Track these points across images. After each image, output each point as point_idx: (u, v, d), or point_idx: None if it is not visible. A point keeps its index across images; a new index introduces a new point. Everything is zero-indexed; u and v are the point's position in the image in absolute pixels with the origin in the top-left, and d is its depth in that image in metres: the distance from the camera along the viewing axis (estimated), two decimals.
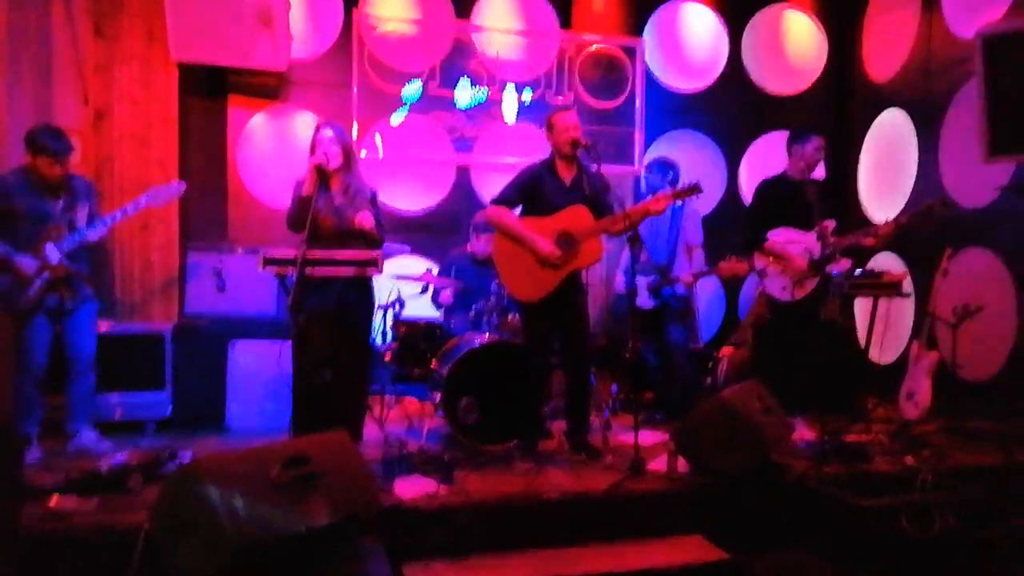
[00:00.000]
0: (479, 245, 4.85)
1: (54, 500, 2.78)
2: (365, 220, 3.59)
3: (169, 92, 4.97)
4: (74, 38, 4.70)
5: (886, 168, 5.73)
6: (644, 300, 4.68)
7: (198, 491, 2.10)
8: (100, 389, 3.94)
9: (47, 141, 3.62)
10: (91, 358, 3.80)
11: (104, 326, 4.28)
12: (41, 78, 4.53)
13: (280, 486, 2.24)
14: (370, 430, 3.92)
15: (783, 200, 4.27)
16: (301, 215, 3.47)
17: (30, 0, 4.45)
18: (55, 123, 4.50)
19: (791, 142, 4.34)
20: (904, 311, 5.15)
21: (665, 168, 4.76)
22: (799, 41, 6.28)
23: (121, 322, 4.54)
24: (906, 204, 5.38)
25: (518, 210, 3.80)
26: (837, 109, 6.28)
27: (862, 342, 4.71)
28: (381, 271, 3.61)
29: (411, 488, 3.09)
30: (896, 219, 4.14)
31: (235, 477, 2.17)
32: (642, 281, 4.63)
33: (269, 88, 5.30)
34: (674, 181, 4.66)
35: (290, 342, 3.45)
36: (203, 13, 4.74)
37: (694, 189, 3.67)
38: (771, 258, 4.23)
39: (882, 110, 5.78)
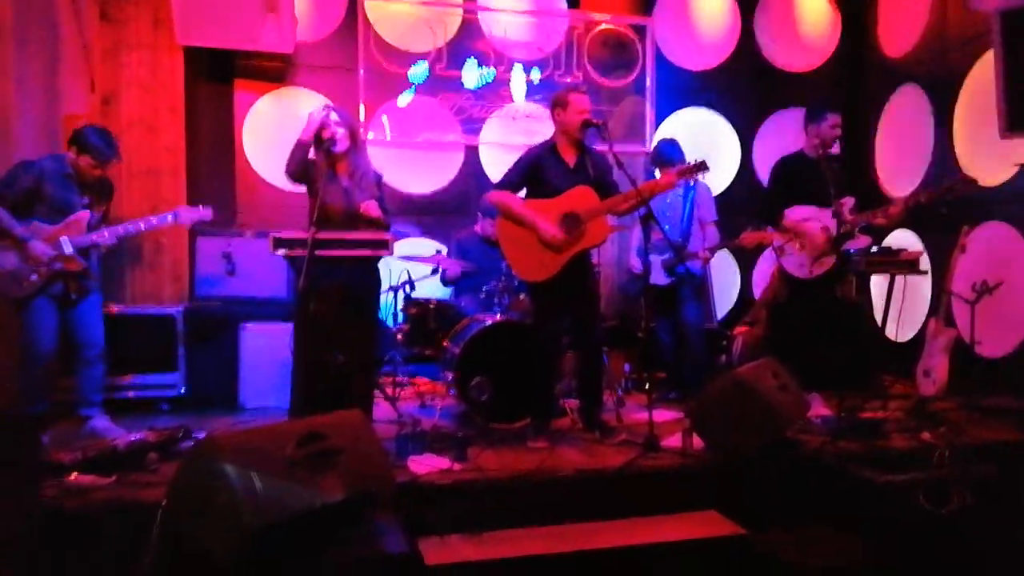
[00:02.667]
0: (487, 228, 4.84)
1: (73, 476, 2.80)
2: (371, 208, 3.59)
3: (176, 77, 4.95)
4: (81, 24, 4.68)
5: (902, 144, 5.66)
6: (659, 277, 4.65)
7: (215, 468, 2.10)
8: (113, 370, 3.96)
9: (98, 143, 3.63)
10: (100, 348, 3.81)
11: (116, 308, 4.31)
12: (49, 64, 4.51)
13: (296, 463, 2.24)
14: (383, 409, 3.93)
15: (801, 178, 4.22)
16: (298, 159, 3.54)
17: None
18: (63, 110, 4.53)
19: (807, 120, 4.29)
20: (921, 288, 5.10)
21: (676, 148, 4.72)
22: (812, 16, 6.19)
23: (132, 305, 4.56)
24: (922, 180, 5.32)
25: (523, 192, 3.77)
26: (852, 85, 6.19)
27: (878, 319, 4.67)
28: (392, 252, 3.62)
29: (425, 465, 3.10)
30: (913, 197, 4.08)
31: (251, 454, 2.16)
32: (656, 259, 4.60)
33: (275, 71, 5.28)
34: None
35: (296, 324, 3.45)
36: None
37: (701, 166, 3.64)
38: (789, 235, 4.19)
39: (897, 86, 5.69)
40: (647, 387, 3.84)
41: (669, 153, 4.70)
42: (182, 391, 4.33)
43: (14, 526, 2.37)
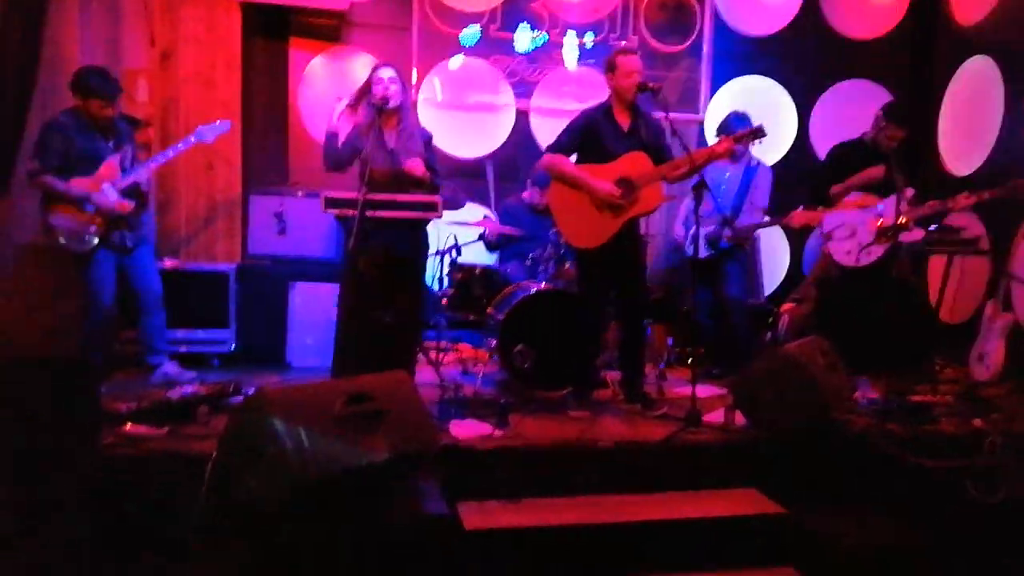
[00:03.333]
0: (535, 196, 4.82)
1: (128, 426, 2.91)
2: (415, 167, 3.58)
3: (232, 33, 4.98)
4: None
5: (968, 120, 5.41)
6: (701, 249, 4.57)
7: (264, 422, 2.16)
8: (167, 325, 4.08)
9: (100, 84, 3.66)
10: (159, 294, 3.92)
11: (169, 263, 4.42)
12: (110, 19, 4.59)
13: (343, 421, 2.28)
14: (426, 373, 3.98)
15: (859, 166, 4.09)
16: (331, 151, 3.63)
17: None
18: (124, 64, 4.61)
19: (885, 114, 4.13)
20: (978, 270, 4.92)
21: (745, 122, 4.59)
22: None
23: (187, 261, 4.67)
24: (987, 159, 5.09)
25: (574, 157, 3.72)
26: (919, 55, 5.90)
27: (933, 300, 4.54)
28: (441, 215, 3.63)
29: (466, 430, 3.14)
30: (975, 196, 3.92)
31: (300, 410, 2.21)
32: (701, 231, 4.52)
33: (329, 30, 5.27)
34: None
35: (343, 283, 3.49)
36: None
37: (758, 132, 3.54)
38: (840, 219, 4.07)
39: (967, 57, 5.42)
40: (690, 361, 3.81)
41: (736, 126, 4.58)
42: (233, 347, 4.45)
43: (75, 471, 2.47)
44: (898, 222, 3.92)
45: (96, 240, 3.69)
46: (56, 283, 3.88)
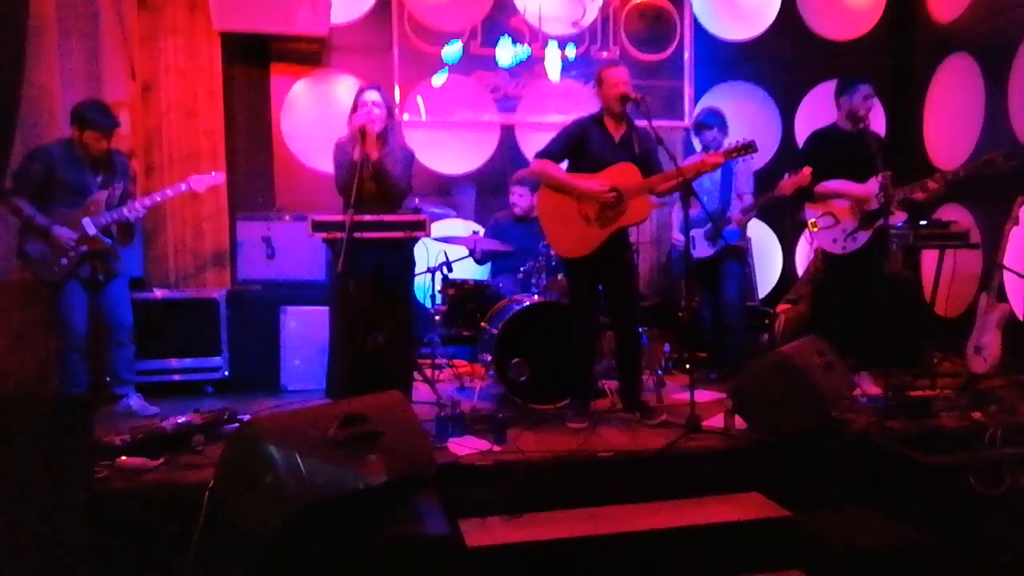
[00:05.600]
0: (521, 199, 4.82)
1: (123, 459, 2.86)
2: (387, 161, 3.56)
3: (213, 62, 5.00)
4: (120, 12, 4.74)
5: (951, 115, 5.46)
6: (702, 249, 4.58)
7: (260, 449, 2.14)
8: (159, 354, 4.04)
9: (96, 116, 3.68)
10: (129, 327, 3.89)
11: (159, 293, 4.40)
12: (90, 52, 4.58)
13: (338, 444, 2.27)
14: (422, 391, 3.95)
15: (833, 152, 4.08)
16: (351, 179, 3.48)
17: None
18: (105, 97, 4.60)
19: (837, 92, 4.14)
20: (971, 263, 4.94)
21: (720, 118, 4.63)
22: None
23: (176, 290, 4.64)
24: (972, 153, 5.13)
25: (564, 165, 3.73)
26: (899, 54, 5.97)
27: (927, 295, 4.54)
28: (429, 234, 3.62)
29: (465, 447, 3.11)
30: (953, 172, 3.93)
31: (295, 435, 2.20)
32: (698, 232, 4.53)
33: (310, 54, 5.29)
34: (723, 129, 4.57)
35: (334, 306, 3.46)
36: None
37: (749, 147, 3.56)
38: (822, 209, 4.07)
39: (947, 54, 5.48)
40: (688, 367, 3.79)
41: (706, 120, 4.63)
42: (226, 374, 4.41)
43: (68, 507, 2.43)
44: (879, 204, 3.90)
45: (65, 271, 3.66)
46: (36, 320, 3.86)
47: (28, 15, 3.79)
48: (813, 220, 4.11)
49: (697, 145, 4.85)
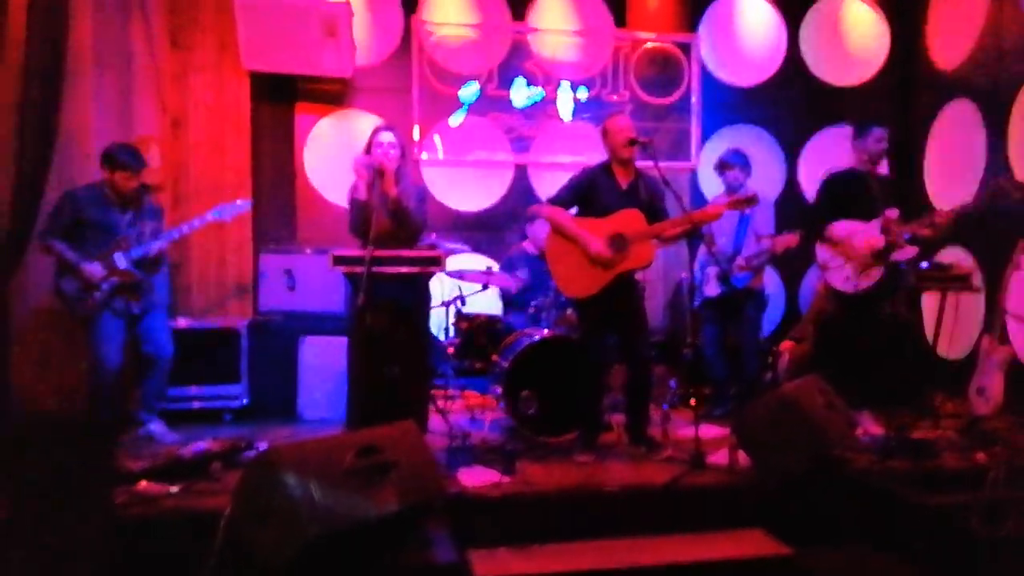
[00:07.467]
0: (536, 232, 4.93)
1: (142, 484, 2.94)
2: (403, 196, 3.67)
3: (241, 100, 5.19)
4: (153, 50, 4.95)
5: (953, 160, 5.56)
6: (712, 288, 4.67)
7: (276, 478, 2.19)
8: (180, 382, 4.15)
9: (127, 159, 3.87)
10: (170, 356, 4.01)
11: (183, 322, 4.53)
12: (122, 89, 4.79)
13: (352, 474, 2.32)
14: (434, 421, 4.04)
15: (849, 193, 4.20)
16: (363, 218, 3.60)
17: (112, 17, 4.72)
18: (136, 130, 4.80)
19: (854, 136, 4.28)
20: (973, 305, 5.01)
21: (744, 159, 4.71)
22: (860, 29, 6.13)
23: (199, 319, 4.78)
24: (974, 196, 5.21)
25: (574, 211, 3.86)
26: (902, 99, 6.10)
27: (929, 336, 4.60)
28: (444, 269, 3.74)
29: (474, 478, 3.18)
30: (959, 206, 4.03)
31: (310, 464, 2.25)
32: (713, 271, 4.63)
33: (334, 94, 5.49)
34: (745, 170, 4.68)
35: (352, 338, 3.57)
36: (272, 24, 4.95)
37: (751, 201, 3.69)
38: (834, 249, 4.17)
39: (949, 99, 5.60)
40: (692, 403, 3.87)
41: (730, 160, 4.70)
42: (245, 402, 4.53)
43: (89, 531, 2.52)
44: (888, 241, 4.00)
45: (96, 305, 3.80)
46: (66, 345, 3.99)
47: (66, 59, 4.00)
48: (824, 261, 4.20)
49: (719, 184, 4.93)
